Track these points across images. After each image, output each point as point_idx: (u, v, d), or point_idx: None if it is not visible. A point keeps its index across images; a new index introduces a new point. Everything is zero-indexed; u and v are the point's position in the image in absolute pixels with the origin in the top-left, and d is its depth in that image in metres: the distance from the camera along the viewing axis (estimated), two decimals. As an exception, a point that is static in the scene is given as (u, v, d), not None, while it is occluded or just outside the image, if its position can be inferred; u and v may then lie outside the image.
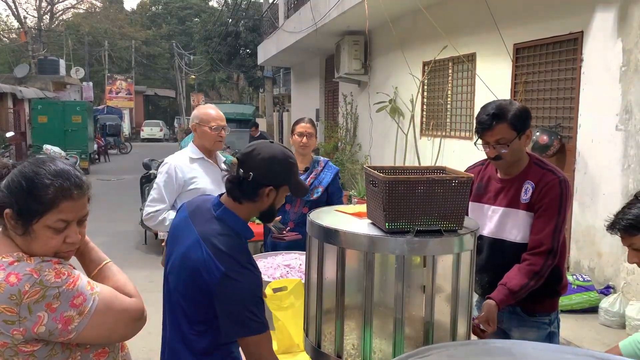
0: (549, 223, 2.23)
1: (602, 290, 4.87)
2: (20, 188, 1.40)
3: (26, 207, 1.39)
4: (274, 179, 1.82)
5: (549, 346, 1.62)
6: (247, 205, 1.84)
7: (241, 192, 1.82)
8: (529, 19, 5.90)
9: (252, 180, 1.79)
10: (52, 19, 36.70)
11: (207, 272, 1.73)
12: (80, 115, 18.02)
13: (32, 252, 1.42)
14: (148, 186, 7.96)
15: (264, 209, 1.87)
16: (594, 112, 5.10)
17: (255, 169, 1.79)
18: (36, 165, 1.43)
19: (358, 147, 11.24)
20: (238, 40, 26.69)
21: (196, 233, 1.82)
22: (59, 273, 1.39)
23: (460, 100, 7.56)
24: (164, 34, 44.53)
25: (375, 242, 1.77)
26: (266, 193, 1.82)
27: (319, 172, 3.64)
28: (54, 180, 1.40)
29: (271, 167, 1.81)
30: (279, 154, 1.85)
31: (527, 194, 2.28)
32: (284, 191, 1.88)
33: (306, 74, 16.31)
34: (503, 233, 2.35)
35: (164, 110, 47.65)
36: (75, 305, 1.38)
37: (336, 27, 9.77)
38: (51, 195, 1.39)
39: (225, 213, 1.85)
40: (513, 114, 2.22)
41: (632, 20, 4.67)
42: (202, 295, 1.76)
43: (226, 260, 1.74)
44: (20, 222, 1.40)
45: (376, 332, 1.82)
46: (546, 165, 2.33)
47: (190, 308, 1.82)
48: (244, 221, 1.87)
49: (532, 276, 2.19)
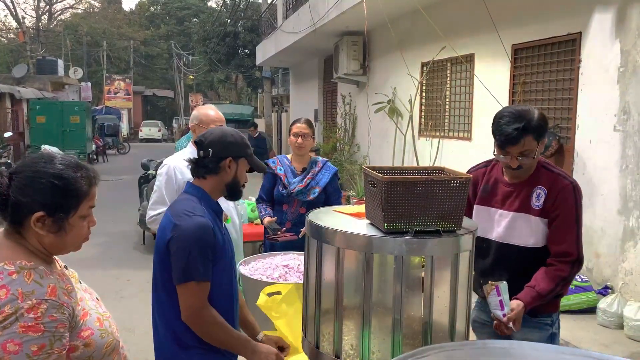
0: (569, 232, 2.21)
1: (600, 291, 4.88)
2: (54, 187, 1.40)
3: (64, 203, 1.41)
4: (231, 150, 2.04)
5: (548, 347, 1.62)
6: (211, 179, 2.05)
7: (204, 169, 2.04)
8: (528, 20, 5.91)
9: (212, 155, 2.01)
10: (51, 19, 36.69)
11: (164, 230, 1.96)
12: (79, 116, 18.02)
13: (64, 247, 1.47)
14: (146, 186, 7.95)
15: (228, 181, 2.06)
16: (592, 113, 5.11)
17: (212, 146, 2.02)
18: (51, 162, 1.44)
19: (356, 148, 11.24)
20: (237, 41, 26.68)
21: (167, 213, 2.03)
22: (36, 308, 1.32)
23: (459, 101, 7.57)
24: (163, 34, 44.50)
25: (374, 243, 1.77)
26: (227, 164, 2.03)
27: (317, 172, 3.64)
28: (80, 172, 1.46)
29: (225, 140, 2.04)
30: (230, 130, 2.13)
31: (539, 199, 2.25)
32: (243, 164, 2.09)
33: (305, 74, 16.32)
34: (512, 238, 2.31)
35: (162, 110, 47.62)
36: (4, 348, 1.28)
37: (335, 28, 9.77)
38: (85, 186, 1.45)
39: (190, 187, 2.07)
40: (535, 124, 2.18)
41: (630, 22, 4.68)
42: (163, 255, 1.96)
43: (178, 215, 1.95)
44: (55, 220, 1.41)
45: (375, 333, 1.82)
46: (555, 169, 2.31)
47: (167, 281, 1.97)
48: (202, 189, 2.05)
49: (559, 282, 2.20)
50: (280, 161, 3.72)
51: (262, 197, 3.74)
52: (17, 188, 1.39)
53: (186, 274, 1.90)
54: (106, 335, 1.53)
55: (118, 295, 5.58)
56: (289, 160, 3.71)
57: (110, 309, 2.12)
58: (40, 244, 1.44)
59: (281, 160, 3.73)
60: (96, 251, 7.42)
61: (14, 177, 1.41)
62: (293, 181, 3.60)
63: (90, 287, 1.70)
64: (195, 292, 1.91)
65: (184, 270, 1.89)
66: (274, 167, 3.68)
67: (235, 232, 3.05)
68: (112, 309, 2.17)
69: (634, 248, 4.67)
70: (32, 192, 1.39)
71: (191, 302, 1.91)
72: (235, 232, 3.05)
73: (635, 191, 4.64)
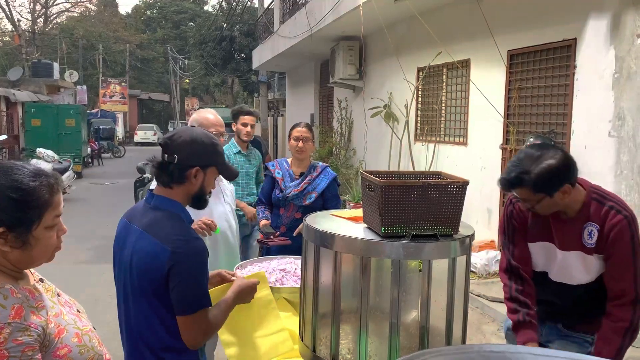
0: (626, 270, 2.04)
1: (595, 296, 4.89)
2: (11, 200, 1.31)
3: (23, 216, 1.33)
4: (198, 160, 1.86)
5: (546, 351, 1.62)
6: (177, 189, 1.87)
7: (169, 177, 1.86)
8: (523, 26, 5.94)
9: (177, 163, 1.83)
10: (46, 22, 36.61)
11: (155, 259, 1.76)
12: (74, 119, 17.96)
13: (32, 261, 1.38)
14: (142, 190, 7.93)
15: (194, 191, 1.89)
16: (587, 119, 5.14)
17: (179, 152, 1.84)
18: (6, 174, 1.34)
19: (352, 152, 11.26)
20: (233, 45, 26.68)
21: (138, 229, 1.85)
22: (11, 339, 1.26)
23: (455, 106, 7.60)
24: (159, 37, 44.48)
25: (372, 247, 1.77)
26: (193, 174, 1.86)
27: (314, 177, 3.63)
28: (38, 180, 1.35)
29: (194, 148, 1.86)
30: (200, 135, 1.90)
31: (592, 237, 2.07)
32: (212, 172, 1.92)
33: (301, 78, 16.34)
34: (566, 277, 2.17)
35: (158, 114, 47.54)
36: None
37: (331, 33, 9.80)
38: (46, 196, 1.36)
39: (159, 200, 1.88)
40: (535, 179, 1.97)
41: (625, 29, 4.72)
42: (157, 284, 1.78)
43: (171, 240, 1.77)
44: (16, 236, 1.33)
45: (372, 336, 1.82)
46: (607, 200, 2.09)
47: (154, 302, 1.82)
48: (178, 202, 1.89)
49: (625, 333, 2.04)
50: (279, 164, 3.72)
51: (262, 199, 3.74)
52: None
53: (195, 304, 1.79)
54: (86, 351, 1.45)
55: (113, 300, 5.55)
56: (288, 164, 3.71)
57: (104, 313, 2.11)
58: (6, 260, 1.36)
59: (280, 163, 3.73)
60: (91, 255, 7.39)
61: None
62: (289, 185, 3.60)
63: (87, 289, 1.67)
64: (204, 317, 1.81)
65: (193, 302, 1.78)
66: (272, 170, 3.69)
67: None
68: (106, 312, 2.15)
69: (629, 253, 4.68)
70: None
71: (204, 328, 1.82)
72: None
73: (629, 196, 4.66)
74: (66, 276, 5.37)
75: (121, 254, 1.94)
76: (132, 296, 1.87)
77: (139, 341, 1.88)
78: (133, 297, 1.87)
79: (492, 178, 5.90)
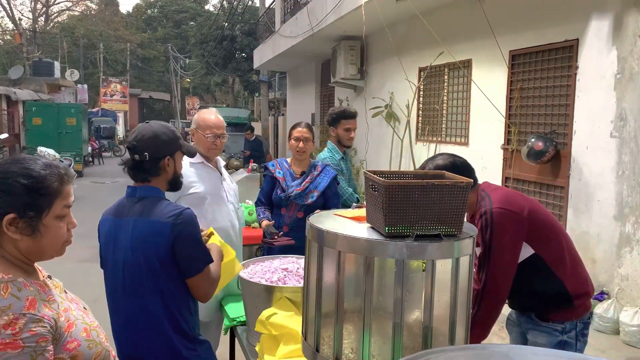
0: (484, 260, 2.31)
1: (597, 297, 4.89)
2: (22, 186, 1.35)
3: (33, 203, 1.36)
4: (166, 150, 2.07)
5: (547, 351, 1.62)
6: (155, 180, 2.08)
7: (145, 172, 2.06)
8: (525, 26, 5.94)
9: (149, 159, 2.03)
10: (47, 20, 36.62)
11: (159, 235, 1.95)
12: (75, 118, 17.97)
13: (42, 252, 1.41)
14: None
15: (170, 177, 2.12)
16: (589, 119, 5.14)
17: (147, 149, 2.03)
18: (19, 162, 1.40)
19: (353, 152, 11.25)
20: (234, 44, 26.67)
21: (131, 219, 2.01)
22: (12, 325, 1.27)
23: (456, 106, 7.60)
24: (160, 37, 44.46)
25: (375, 246, 1.77)
26: (166, 163, 2.08)
27: (315, 176, 3.63)
28: (49, 170, 1.41)
29: (159, 141, 2.05)
30: (160, 128, 2.10)
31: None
32: (179, 156, 2.15)
33: (302, 78, 16.34)
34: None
35: (158, 113, 47.51)
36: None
37: (333, 32, 9.80)
38: (56, 184, 1.41)
39: (142, 190, 2.07)
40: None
41: (627, 29, 4.72)
42: (164, 259, 1.96)
43: (168, 216, 1.97)
44: (27, 222, 1.36)
45: (375, 336, 1.82)
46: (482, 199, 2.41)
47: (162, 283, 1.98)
48: (159, 189, 2.10)
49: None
50: (279, 164, 3.71)
51: (261, 200, 3.72)
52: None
53: (203, 261, 2.02)
54: (94, 346, 1.48)
55: (114, 298, 5.55)
56: (288, 164, 3.71)
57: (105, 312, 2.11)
58: (17, 250, 1.38)
59: (280, 163, 3.72)
60: (91, 253, 7.36)
61: None
62: (291, 185, 3.60)
63: (87, 288, 1.68)
64: (210, 271, 2.05)
65: (200, 260, 2.01)
66: (272, 170, 3.68)
67: (235, 235, 3.05)
68: (107, 312, 2.16)
69: (630, 254, 4.68)
70: (0, 193, 1.34)
71: (212, 280, 2.06)
72: (235, 235, 3.05)
73: (631, 197, 4.66)
74: (67, 275, 5.35)
75: (115, 253, 2.05)
76: (133, 290, 2.00)
77: (148, 331, 1.99)
78: (137, 290, 1.99)
79: (494, 178, 5.90)
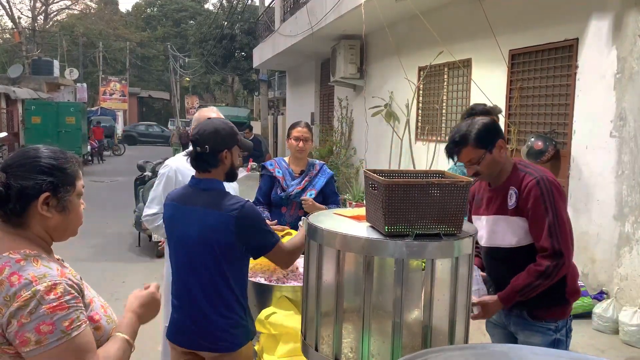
0: (541, 226, 2.23)
1: (596, 296, 4.90)
2: (52, 166, 1.47)
3: (64, 180, 1.49)
4: (225, 144, 2.29)
5: (547, 350, 1.62)
6: (214, 171, 2.31)
7: (207, 164, 2.29)
8: (525, 26, 5.94)
9: (209, 151, 2.25)
10: (47, 19, 36.55)
11: (225, 225, 2.19)
12: (74, 117, 17.96)
13: (67, 228, 1.52)
14: (142, 188, 7.92)
15: (227, 169, 2.34)
16: (589, 119, 5.14)
17: (208, 142, 2.25)
18: (39, 149, 1.51)
19: (353, 151, 11.25)
20: (233, 43, 26.66)
21: (200, 207, 2.25)
22: (53, 290, 1.36)
23: (456, 105, 7.60)
24: (159, 36, 44.41)
25: (375, 245, 1.77)
26: (224, 156, 2.29)
27: (314, 175, 3.64)
28: (69, 155, 1.55)
29: (218, 135, 2.28)
30: (220, 123, 2.34)
31: (512, 199, 2.30)
32: (236, 150, 2.36)
33: (302, 77, 16.33)
34: (495, 240, 2.37)
35: (157, 112, 47.51)
36: (39, 331, 1.32)
37: (332, 31, 9.79)
38: (76, 166, 1.55)
39: (207, 182, 2.31)
40: (475, 134, 2.26)
41: (627, 29, 4.71)
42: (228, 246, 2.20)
43: (232, 209, 2.20)
44: (58, 200, 1.47)
45: (374, 336, 1.82)
46: (526, 168, 2.35)
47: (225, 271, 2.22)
48: (220, 180, 2.34)
49: (537, 276, 2.21)
50: (277, 164, 3.71)
51: (259, 199, 3.71)
52: (17, 176, 1.43)
53: (271, 243, 2.25)
54: (111, 322, 1.56)
55: (113, 297, 5.54)
56: (286, 163, 3.70)
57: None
58: (45, 229, 1.48)
59: (279, 162, 3.72)
60: (91, 252, 7.39)
61: (9, 170, 1.45)
62: (291, 184, 3.59)
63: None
64: (281, 248, 2.29)
65: (267, 244, 2.25)
66: (271, 169, 3.67)
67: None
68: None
69: (630, 253, 4.68)
70: (34, 174, 1.44)
71: (285, 253, 2.31)
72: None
73: (630, 197, 4.66)
74: (66, 274, 5.35)
75: (181, 231, 2.30)
76: (198, 266, 2.24)
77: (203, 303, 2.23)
78: (200, 267, 2.24)
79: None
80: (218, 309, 2.25)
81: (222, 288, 2.25)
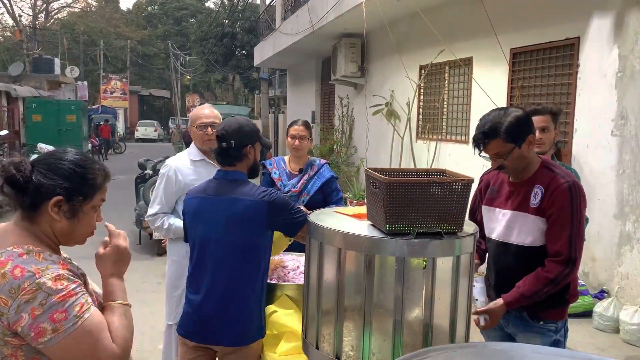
0: (563, 231, 2.18)
1: (596, 295, 4.90)
2: (74, 173, 1.51)
3: (82, 189, 1.51)
4: (248, 139, 2.42)
5: (548, 349, 1.62)
6: (239, 165, 2.42)
7: (232, 158, 2.39)
8: (526, 24, 5.93)
9: (234, 146, 2.36)
10: (47, 17, 36.56)
11: (256, 212, 2.27)
12: (75, 115, 17.97)
13: (72, 236, 1.55)
14: (143, 186, 7.91)
15: (250, 164, 2.45)
16: (590, 118, 5.13)
17: (233, 137, 2.37)
18: (69, 153, 1.55)
19: (354, 150, 11.25)
20: (234, 42, 26.66)
21: (227, 198, 2.34)
22: (59, 280, 1.39)
23: (457, 104, 7.59)
24: (160, 34, 44.40)
25: (376, 244, 1.77)
26: (248, 151, 2.41)
27: (312, 176, 3.61)
28: (98, 167, 1.60)
29: (242, 131, 2.40)
30: (243, 120, 2.48)
31: (536, 198, 2.24)
32: (258, 147, 2.48)
33: (302, 76, 16.32)
34: (510, 237, 2.32)
35: (158, 110, 47.49)
36: (53, 320, 1.36)
37: (333, 30, 9.78)
38: (100, 179, 1.58)
39: (234, 174, 2.40)
40: (506, 127, 2.17)
41: (628, 27, 4.71)
42: (258, 230, 2.29)
43: (262, 196, 2.30)
44: (70, 207, 1.50)
45: (375, 334, 1.82)
46: (556, 169, 2.28)
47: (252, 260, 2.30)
48: (245, 173, 2.44)
49: (546, 283, 2.17)
50: (276, 164, 3.69)
51: None
52: (40, 173, 1.47)
53: (302, 222, 2.26)
54: None
55: (114, 295, 5.57)
56: (285, 163, 3.69)
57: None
58: (52, 230, 1.51)
59: (277, 163, 3.70)
60: (91, 250, 7.36)
61: (37, 164, 1.50)
62: (287, 184, 3.58)
63: None
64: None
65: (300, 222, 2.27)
66: (270, 169, 3.67)
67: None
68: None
69: (630, 252, 4.68)
70: (55, 175, 1.48)
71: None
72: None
73: (631, 196, 4.66)
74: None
75: (206, 224, 2.34)
76: (223, 261, 2.30)
77: (226, 297, 2.28)
78: (226, 261, 2.29)
79: (494, 176, 5.89)
80: (240, 304, 2.29)
81: (245, 283, 2.30)
